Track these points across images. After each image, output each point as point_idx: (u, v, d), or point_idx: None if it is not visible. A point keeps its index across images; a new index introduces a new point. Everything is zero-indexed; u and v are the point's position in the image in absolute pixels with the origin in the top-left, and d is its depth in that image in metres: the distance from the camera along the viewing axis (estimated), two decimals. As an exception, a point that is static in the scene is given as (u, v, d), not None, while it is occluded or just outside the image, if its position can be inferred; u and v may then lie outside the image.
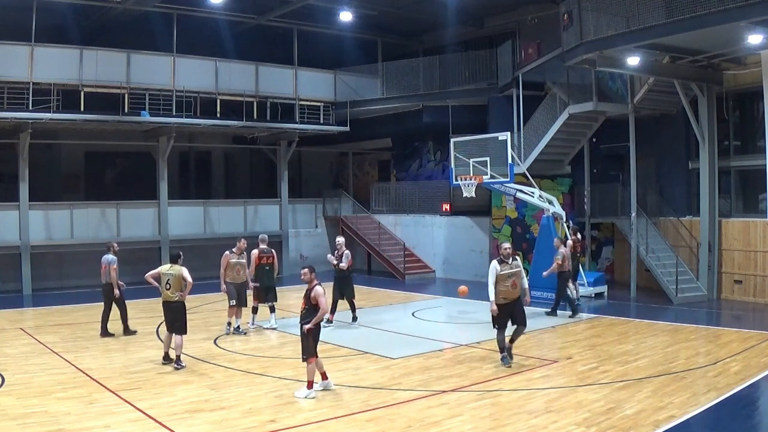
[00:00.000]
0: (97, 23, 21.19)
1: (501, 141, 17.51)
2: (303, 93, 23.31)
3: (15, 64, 18.02)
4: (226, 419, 7.94)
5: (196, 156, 26.65)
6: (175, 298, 10.42)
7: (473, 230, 22.07)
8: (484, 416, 8.06)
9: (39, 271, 19.54)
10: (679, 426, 7.60)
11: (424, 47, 26.05)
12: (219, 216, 22.81)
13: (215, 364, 10.67)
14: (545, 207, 17.40)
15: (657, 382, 9.32)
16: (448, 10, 21.86)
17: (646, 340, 12.34)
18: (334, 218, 25.49)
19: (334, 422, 7.86)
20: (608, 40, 15.00)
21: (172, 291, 10.40)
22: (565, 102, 19.06)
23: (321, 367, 9.05)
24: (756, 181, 17.00)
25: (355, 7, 21.59)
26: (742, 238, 16.81)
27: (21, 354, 11.32)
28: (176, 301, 10.44)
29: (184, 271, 10.40)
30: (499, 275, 10.31)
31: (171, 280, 10.39)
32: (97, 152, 23.12)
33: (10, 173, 19.86)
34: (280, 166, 24.13)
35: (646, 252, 17.63)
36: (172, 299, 10.43)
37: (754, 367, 10.12)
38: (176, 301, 10.44)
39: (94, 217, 20.41)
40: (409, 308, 16.65)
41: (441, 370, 10.34)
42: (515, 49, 21.22)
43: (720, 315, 15.56)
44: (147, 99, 19.95)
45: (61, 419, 7.83)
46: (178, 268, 10.44)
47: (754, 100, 17.11)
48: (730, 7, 12.63)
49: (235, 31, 22.86)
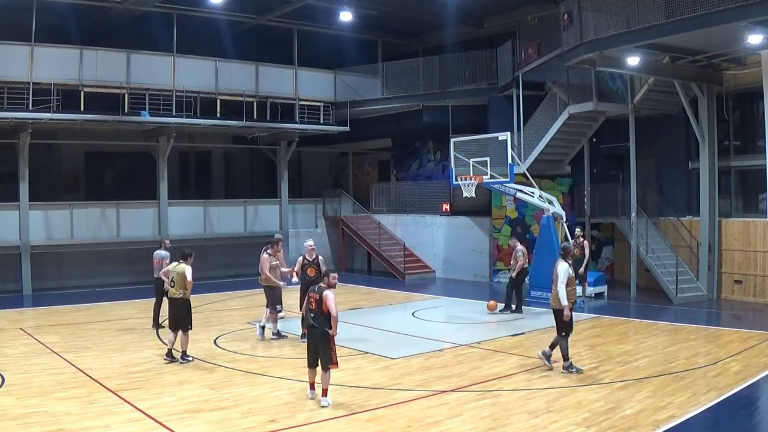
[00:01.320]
0: (97, 23, 21.17)
1: (501, 141, 17.50)
2: (303, 93, 23.30)
3: (15, 64, 18.01)
4: (226, 419, 7.94)
5: (196, 156, 26.66)
6: (179, 295, 10.65)
7: (473, 230, 22.07)
8: (484, 416, 8.06)
9: (39, 271, 19.53)
10: (679, 426, 7.60)
11: (424, 47, 26.04)
12: (219, 216, 22.80)
13: (215, 364, 10.67)
14: (545, 207, 17.40)
15: (657, 382, 9.32)
16: (448, 10, 21.86)
17: (646, 340, 12.34)
18: (334, 218, 25.49)
19: (334, 422, 7.86)
20: (608, 40, 15.00)
21: (176, 288, 10.67)
22: (565, 102, 19.06)
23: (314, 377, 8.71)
24: (756, 181, 17.00)
25: (355, 7, 21.58)
26: (742, 238, 16.81)
27: (21, 354, 11.32)
28: (180, 298, 10.67)
29: (187, 269, 10.65)
30: (570, 278, 10.06)
31: (175, 277, 10.68)
32: (97, 152, 23.13)
33: (10, 173, 19.86)
34: (280, 166, 24.13)
35: (646, 252, 17.63)
36: (176, 296, 10.70)
37: (754, 367, 10.12)
38: (180, 298, 10.67)
39: (94, 217, 20.40)
40: (409, 308, 16.64)
41: (441, 370, 10.34)
42: (515, 49, 21.20)
43: (720, 315, 15.56)
44: (147, 99, 19.94)
45: (61, 419, 7.83)
46: (183, 266, 10.69)
47: (754, 100, 17.12)
48: (730, 7, 12.64)
49: (235, 31, 22.85)
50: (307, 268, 12.43)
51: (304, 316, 8.79)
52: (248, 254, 21.55)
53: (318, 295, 8.52)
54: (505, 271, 21.42)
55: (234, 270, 22.67)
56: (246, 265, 21.01)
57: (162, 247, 13.67)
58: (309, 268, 12.40)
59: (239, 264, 22.48)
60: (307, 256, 12.56)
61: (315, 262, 12.43)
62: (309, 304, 8.59)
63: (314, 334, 8.55)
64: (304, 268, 12.47)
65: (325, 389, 8.47)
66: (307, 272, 12.36)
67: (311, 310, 8.55)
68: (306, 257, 12.54)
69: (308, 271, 12.36)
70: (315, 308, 8.50)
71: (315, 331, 8.53)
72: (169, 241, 14.40)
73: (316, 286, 8.70)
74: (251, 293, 17.51)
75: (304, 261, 12.50)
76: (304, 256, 12.60)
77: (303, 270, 12.47)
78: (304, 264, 12.48)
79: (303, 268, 12.47)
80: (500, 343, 12.24)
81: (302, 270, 12.47)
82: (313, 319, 8.51)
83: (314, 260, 12.48)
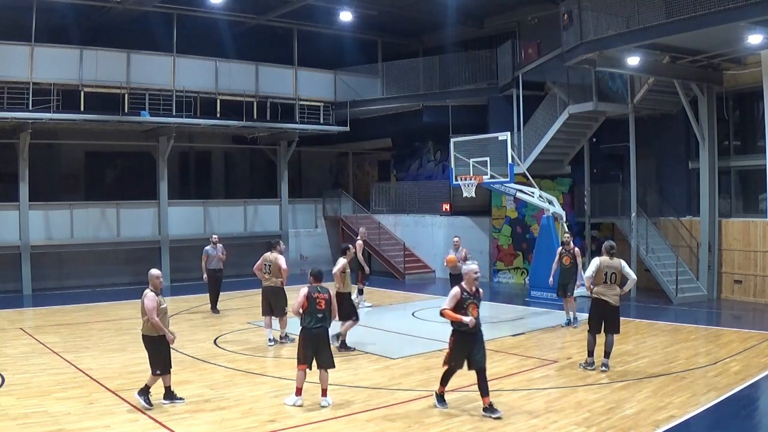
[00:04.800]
0: (97, 23, 21.16)
1: (501, 141, 17.49)
2: (303, 93, 23.30)
3: (15, 64, 18.01)
4: (226, 419, 7.94)
5: (196, 156, 26.64)
6: (274, 283, 11.92)
7: (473, 230, 22.06)
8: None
9: (39, 271, 19.54)
10: (679, 426, 7.60)
11: (424, 47, 26.03)
12: (219, 216, 22.80)
13: (215, 364, 10.67)
14: (545, 207, 17.40)
15: (657, 382, 9.33)
16: (448, 10, 21.84)
17: (646, 340, 12.34)
18: (334, 218, 25.49)
19: (334, 422, 7.86)
20: (608, 40, 15.00)
21: (272, 276, 11.96)
22: (565, 102, 19.05)
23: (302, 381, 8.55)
24: (756, 181, 17.01)
25: (355, 7, 21.57)
26: (742, 238, 16.81)
27: (21, 354, 11.33)
28: (274, 286, 11.96)
29: (280, 258, 11.95)
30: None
31: (271, 266, 11.97)
32: (97, 152, 23.13)
33: (10, 173, 19.84)
34: (280, 166, 24.13)
35: (646, 252, 17.63)
36: (271, 284, 11.96)
37: (754, 367, 10.12)
38: (274, 286, 11.96)
39: (94, 217, 20.41)
40: (409, 308, 16.64)
41: (441, 370, 10.28)
42: (515, 49, 21.19)
43: (720, 315, 15.56)
44: (147, 99, 19.95)
45: (61, 419, 7.83)
46: (275, 255, 11.97)
47: (754, 100, 17.11)
48: (730, 7, 12.63)
49: (235, 31, 22.84)
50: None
51: (304, 316, 8.69)
52: (248, 254, 21.52)
53: (327, 295, 8.61)
54: (506, 271, 21.45)
55: (234, 270, 22.62)
56: (246, 265, 20.87)
57: (212, 244, 15.72)
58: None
59: (239, 264, 22.41)
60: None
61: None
62: (317, 305, 8.52)
63: (319, 333, 8.51)
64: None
65: (324, 389, 8.47)
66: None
67: (319, 311, 8.51)
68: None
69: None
70: (324, 308, 8.55)
71: (320, 331, 8.51)
72: (216, 236, 16.30)
73: (318, 286, 8.67)
74: (251, 293, 17.49)
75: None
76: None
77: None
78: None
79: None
80: (500, 343, 12.23)
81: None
82: (321, 320, 8.52)
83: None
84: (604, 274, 10.00)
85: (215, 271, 15.67)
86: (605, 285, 9.96)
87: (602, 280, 9.95)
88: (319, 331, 8.48)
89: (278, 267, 12.11)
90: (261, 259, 12.30)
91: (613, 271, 10.03)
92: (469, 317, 8.17)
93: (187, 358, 11.11)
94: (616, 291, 10.03)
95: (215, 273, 15.69)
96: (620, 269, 10.08)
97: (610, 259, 10.09)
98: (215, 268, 15.64)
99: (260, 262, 12.27)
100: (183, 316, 15.47)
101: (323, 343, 8.51)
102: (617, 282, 10.08)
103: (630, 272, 10.30)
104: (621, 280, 10.16)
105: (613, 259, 10.12)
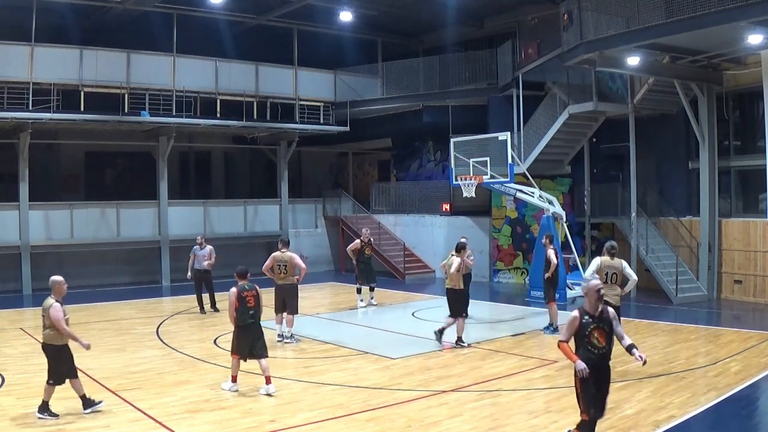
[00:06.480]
0: (97, 23, 21.15)
1: (501, 141, 17.50)
2: (303, 93, 23.30)
3: (15, 64, 18.00)
4: (226, 419, 7.94)
5: (196, 156, 26.63)
6: (289, 281, 11.99)
7: (473, 230, 22.04)
8: (484, 416, 8.06)
9: (39, 271, 19.45)
10: (679, 426, 7.60)
11: (424, 47, 26.03)
12: (219, 216, 22.80)
13: (215, 364, 10.67)
14: (545, 207, 17.39)
15: (657, 382, 9.33)
16: (448, 10, 21.84)
17: (646, 340, 12.32)
18: (334, 218, 25.48)
19: (334, 422, 7.86)
20: (608, 40, 14.99)
21: (288, 275, 12.00)
22: (565, 102, 19.06)
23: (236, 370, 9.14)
24: (756, 181, 16.99)
25: (355, 7, 21.57)
26: (742, 238, 16.81)
27: (21, 354, 11.33)
28: (291, 284, 12.04)
29: (295, 257, 12.03)
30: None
31: (286, 266, 11.99)
32: (97, 152, 23.11)
33: (10, 173, 19.84)
34: (280, 166, 24.12)
35: (646, 252, 17.62)
36: (287, 282, 12.03)
37: (754, 367, 10.12)
38: (291, 284, 12.04)
39: (94, 217, 20.40)
40: (409, 308, 16.63)
41: (441, 370, 10.34)
42: (515, 49, 21.20)
43: (720, 315, 15.56)
44: (147, 99, 19.94)
45: (60, 419, 7.83)
46: (289, 255, 12.02)
47: (754, 100, 17.11)
48: (730, 7, 12.62)
49: (235, 31, 22.83)
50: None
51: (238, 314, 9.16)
52: (248, 254, 21.59)
53: (255, 292, 9.30)
54: (506, 271, 21.46)
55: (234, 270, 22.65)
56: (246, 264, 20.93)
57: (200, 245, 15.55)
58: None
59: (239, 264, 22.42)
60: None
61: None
62: (247, 302, 9.10)
63: (253, 327, 9.15)
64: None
65: (268, 377, 8.95)
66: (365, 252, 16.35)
67: (250, 307, 9.13)
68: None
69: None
70: (254, 304, 9.18)
71: (253, 325, 9.14)
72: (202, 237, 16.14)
73: (245, 284, 9.38)
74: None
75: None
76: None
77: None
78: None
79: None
80: (500, 343, 12.24)
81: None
82: (253, 315, 9.14)
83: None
84: (605, 274, 10.00)
85: (201, 272, 15.42)
86: (606, 285, 9.94)
87: (603, 281, 9.94)
88: (252, 325, 9.02)
89: (294, 265, 12.11)
90: (271, 259, 12.20)
91: (613, 272, 10.03)
92: (581, 365, 6.31)
93: (187, 358, 11.12)
94: (616, 291, 10.04)
95: (201, 274, 15.44)
96: (621, 269, 10.08)
97: (610, 260, 10.10)
98: (200, 269, 15.39)
99: (271, 262, 12.16)
100: (183, 316, 15.47)
101: (257, 335, 9.03)
102: (618, 282, 10.09)
103: (631, 273, 10.30)
104: (622, 280, 10.16)
105: (614, 259, 10.12)
